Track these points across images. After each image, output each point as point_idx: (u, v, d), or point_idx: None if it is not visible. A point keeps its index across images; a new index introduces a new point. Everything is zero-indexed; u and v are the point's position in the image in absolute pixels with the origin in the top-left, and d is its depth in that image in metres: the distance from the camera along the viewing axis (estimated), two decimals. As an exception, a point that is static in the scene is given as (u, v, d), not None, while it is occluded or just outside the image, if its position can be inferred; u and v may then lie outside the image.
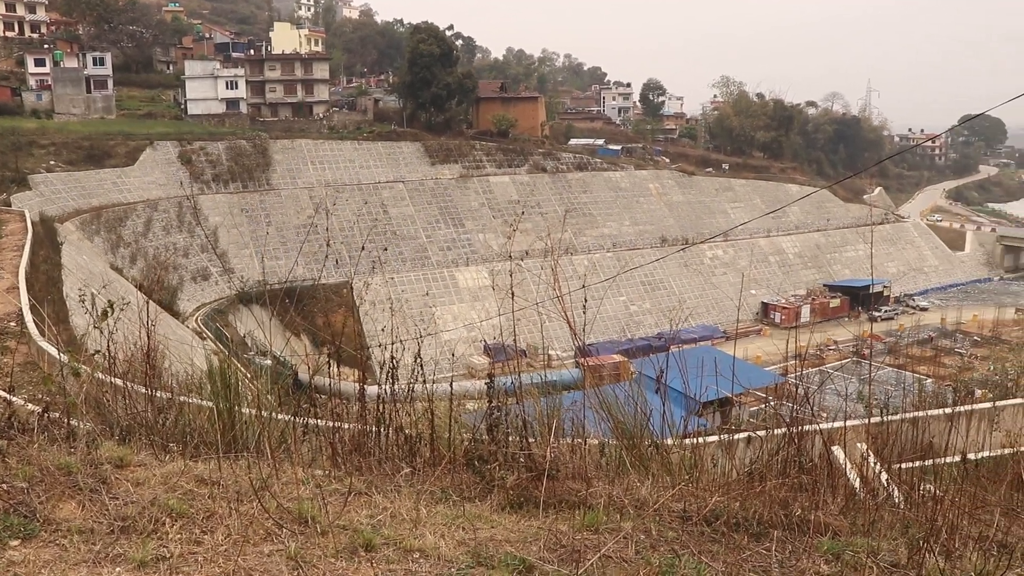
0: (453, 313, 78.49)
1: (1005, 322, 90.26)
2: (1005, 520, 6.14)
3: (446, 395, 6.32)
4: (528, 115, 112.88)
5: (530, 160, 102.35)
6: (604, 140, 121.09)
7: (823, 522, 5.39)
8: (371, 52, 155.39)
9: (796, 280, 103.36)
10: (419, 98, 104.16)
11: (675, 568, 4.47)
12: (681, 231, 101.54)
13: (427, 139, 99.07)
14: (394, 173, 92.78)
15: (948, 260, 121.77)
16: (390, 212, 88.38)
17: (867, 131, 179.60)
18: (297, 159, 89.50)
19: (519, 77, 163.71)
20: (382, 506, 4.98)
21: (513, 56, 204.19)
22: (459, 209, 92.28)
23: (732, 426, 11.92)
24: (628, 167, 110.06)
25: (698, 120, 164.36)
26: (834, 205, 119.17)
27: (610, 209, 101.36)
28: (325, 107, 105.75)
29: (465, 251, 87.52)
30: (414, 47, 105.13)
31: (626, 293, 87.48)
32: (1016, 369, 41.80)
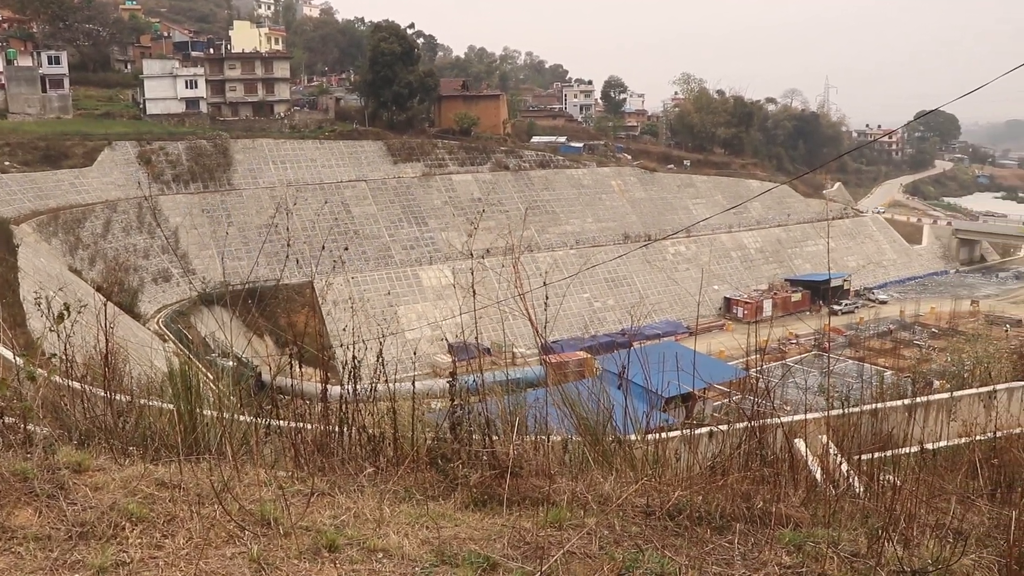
0: (417, 312, 78.29)
1: (961, 314, 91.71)
2: (961, 508, 6.24)
3: (410, 394, 6.30)
4: (490, 113, 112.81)
5: (492, 158, 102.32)
6: (566, 137, 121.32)
7: (785, 514, 5.44)
8: (332, 51, 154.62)
9: (758, 275, 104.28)
10: (381, 97, 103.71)
11: (639, 562, 4.50)
12: (643, 227, 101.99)
13: (389, 138, 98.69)
14: (356, 172, 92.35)
15: (906, 254, 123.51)
16: (352, 211, 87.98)
17: (825, 127, 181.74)
18: (258, 159, 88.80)
19: (481, 75, 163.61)
20: (345, 506, 4.95)
21: (475, 54, 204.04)
22: (422, 208, 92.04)
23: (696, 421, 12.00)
24: (590, 164, 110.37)
25: (660, 117, 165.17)
26: (795, 200, 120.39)
27: (573, 206, 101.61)
28: (286, 106, 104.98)
29: (428, 250, 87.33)
30: (375, 45, 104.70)
31: (590, 290, 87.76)
32: (972, 360, 42.40)
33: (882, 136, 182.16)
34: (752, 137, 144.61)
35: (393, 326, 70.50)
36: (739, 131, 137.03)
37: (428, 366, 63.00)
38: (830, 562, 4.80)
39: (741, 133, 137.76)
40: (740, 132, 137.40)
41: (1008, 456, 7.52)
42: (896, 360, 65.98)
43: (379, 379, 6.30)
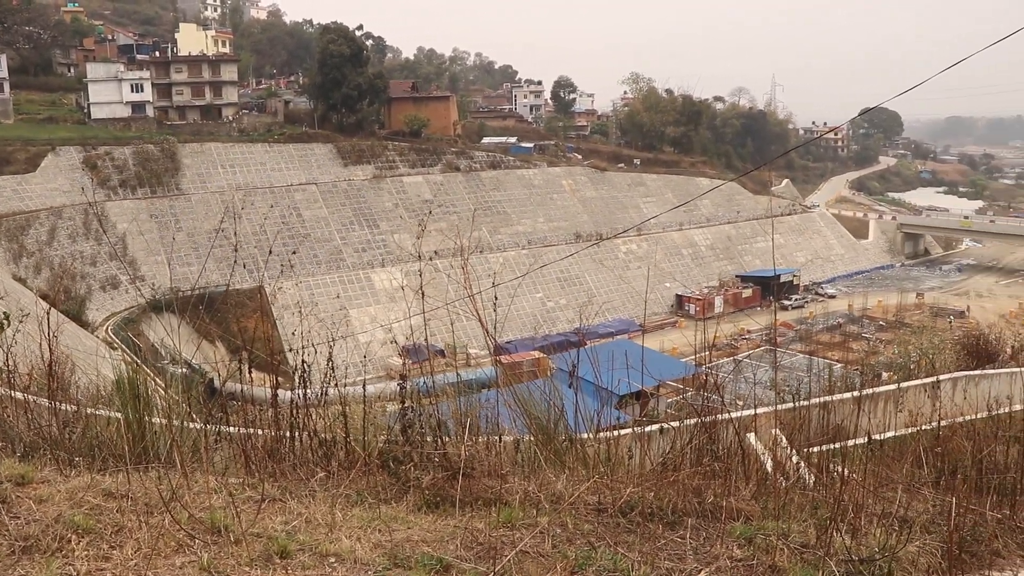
0: (370, 315, 77.89)
1: (907, 306, 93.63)
2: (907, 496, 6.36)
3: (357, 398, 6.28)
4: (440, 114, 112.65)
5: (443, 159, 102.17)
6: (517, 138, 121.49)
7: (736, 508, 5.50)
8: (280, 53, 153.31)
9: (709, 272, 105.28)
10: (330, 99, 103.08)
11: (591, 560, 4.52)
12: (595, 226, 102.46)
13: (339, 140, 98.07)
14: (306, 175, 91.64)
15: (853, 248, 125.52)
16: (303, 215, 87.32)
17: (773, 125, 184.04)
18: (207, 163, 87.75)
19: (430, 76, 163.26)
20: (297, 512, 4.91)
21: (424, 55, 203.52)
22: (373, 210, 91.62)
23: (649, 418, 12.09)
24: (541, 164, 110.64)
25: (609, 117, 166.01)
26: (744, 198, 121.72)
27: (524, 207, 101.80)
28: (234, 109, 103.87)
29: (380, 252, 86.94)
30: (324, 47, 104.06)
31: (542, 289, 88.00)
32: (918, 352, 43.24)
33: (827, 132, 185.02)
34: (701, 135, 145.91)
35: (345, 329, 70.08)
36: (688, 130, 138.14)
37: (382, 369, 62.72)
38: (780, 554, 4.87)
39: (690, 132, 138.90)
40: (689, 131, 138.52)
41: (952, 444, 7.67)
42: (845, 353, 67.14)
43: (330, 383, 6.26)
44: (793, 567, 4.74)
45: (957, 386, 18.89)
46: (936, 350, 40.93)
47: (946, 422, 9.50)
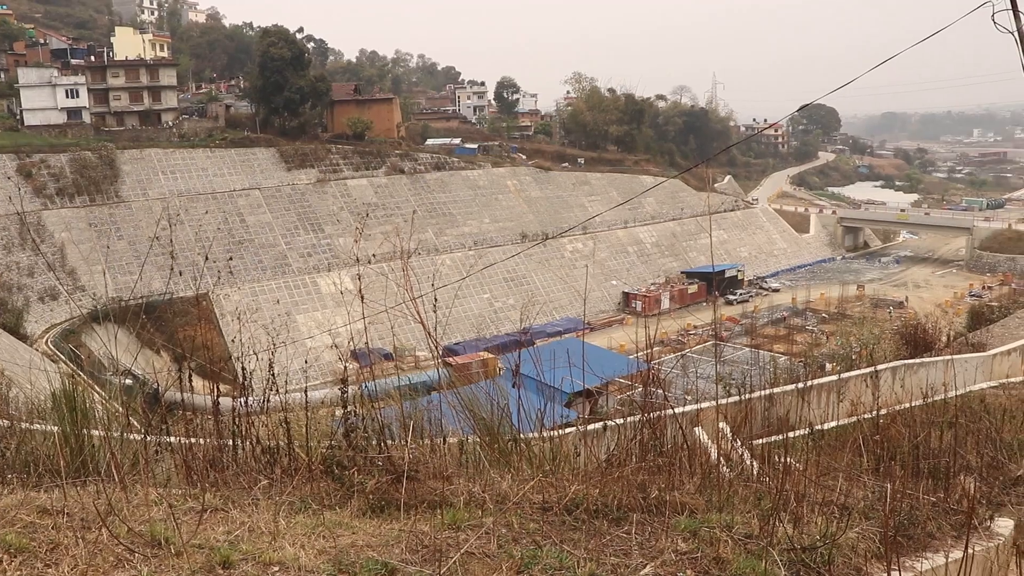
0: (317, 320, 77.25)
1: (849, 298, 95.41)
2: (847, 484, 6.48)
3: (309, 403, 6.23)
4: (383, 117, 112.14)
5: (387, 162, 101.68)
6: (461, 139, 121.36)
7: (680, 501, 5.56)
8: (220, 57, 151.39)
9: (655, 269, 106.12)
10: (272, 103, 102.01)
11: (537, 559, 4.54)
12: (540, 226, 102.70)
13: (282, 144, 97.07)
14: (249, 180, 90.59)
15: (795, 242, 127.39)
16: (247, 220, 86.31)
17: (715, 122, 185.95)
18: (147, 169, 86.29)
19: (373, 79, 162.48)
20: (239, 521, 4.85)
21: (366, 58, 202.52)
22: (318, 214, 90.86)
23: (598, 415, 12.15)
24: (485, 165, 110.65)
25: (553, 116, 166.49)
26: (687, 194, 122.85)
27: (470, 208, 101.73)
28: (174, 114, 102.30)
29: (326, 256, 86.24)
30: (264, 51, 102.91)
31: (490, 290, 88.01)
32: (859, 342, 44.09)
33: (766, 129, 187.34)
34: (644, 134, 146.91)
35: (287, 335, 69.42)
36: (631, 128, 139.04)
37: (330, 374, 62.21)
38: (724, 545, 4.93)
39: (633, 130, 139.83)
40: (632, 129, 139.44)
41: (890, 432, 7.83)
42: (789, 346, 68.13)
43: (272, 389, 6.20)
44: (737, 558, 4.80)
45: (896, 375, 19.28)
46: (876, 340, 41.75)
47: (885, 411, 9.70)
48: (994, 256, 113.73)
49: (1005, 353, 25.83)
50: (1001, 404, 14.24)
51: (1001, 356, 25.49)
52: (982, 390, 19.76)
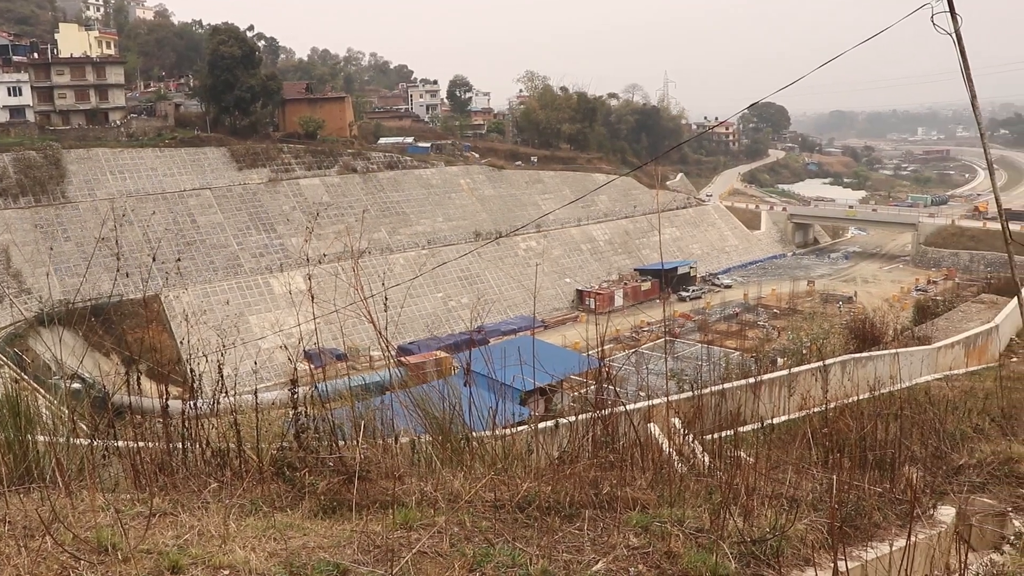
0: (270, 320, 76.50)
1: (799, 294, 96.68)
2: (797, 477, 6.58)
3: (261, 404, 6.18)
4: (336, 116, 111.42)
5: (340, 161, 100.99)
6: (413, 138, 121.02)
7: (632, 497, 5.61)
8: (169, 55, 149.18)
9: (608, 266, 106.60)
10: (222, 102, 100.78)
11: (490, 556, 4.55)
12: (494, 224, 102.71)
13: (233, 143, 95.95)
14: (200, 180, 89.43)
15: (746, 239, 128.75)
16: (198, 220, 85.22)
17: (666, 120, 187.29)
18: (95, 169, 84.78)
19: (325, 77, 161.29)
20: (189, 525, 4.79)
21: (318, 56, 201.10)
22: (270, 214, 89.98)
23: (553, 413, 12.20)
24: (439, 164, 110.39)
25: (506, 115, 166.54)
26: (640, 192, 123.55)
27: (423, 207, 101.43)
28: (122, 113, 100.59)
29: (279, 256, 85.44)
30: (214, 49, 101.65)
31: (444, 289, 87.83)
32: (810, 337, 44.62)
33: (717, 126, 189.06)
34: (596, 132, 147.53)
35: (245, 335, 68.71)
36: (583, 126, 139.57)
37: (284, 375, 61.55)
38: (675, 540, 4.98)
39: (586, 128, 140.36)
40: (585, 127, 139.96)
41: (839, 425, 7.96)
42: (742, 341, 68.87)
43: (222, 391, 6.13)
44: (688, 552, 4.85)
45: (845, 369, 19.59)
46: (825, 335, 42.30)
47: (834, 404, 9.85)
48: (939, 251, 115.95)
49: (949, 346, 26.37)
50: (945, 395, 14.53)
51: (945, 349, 26.02)
52: (927, 382, 20.13)
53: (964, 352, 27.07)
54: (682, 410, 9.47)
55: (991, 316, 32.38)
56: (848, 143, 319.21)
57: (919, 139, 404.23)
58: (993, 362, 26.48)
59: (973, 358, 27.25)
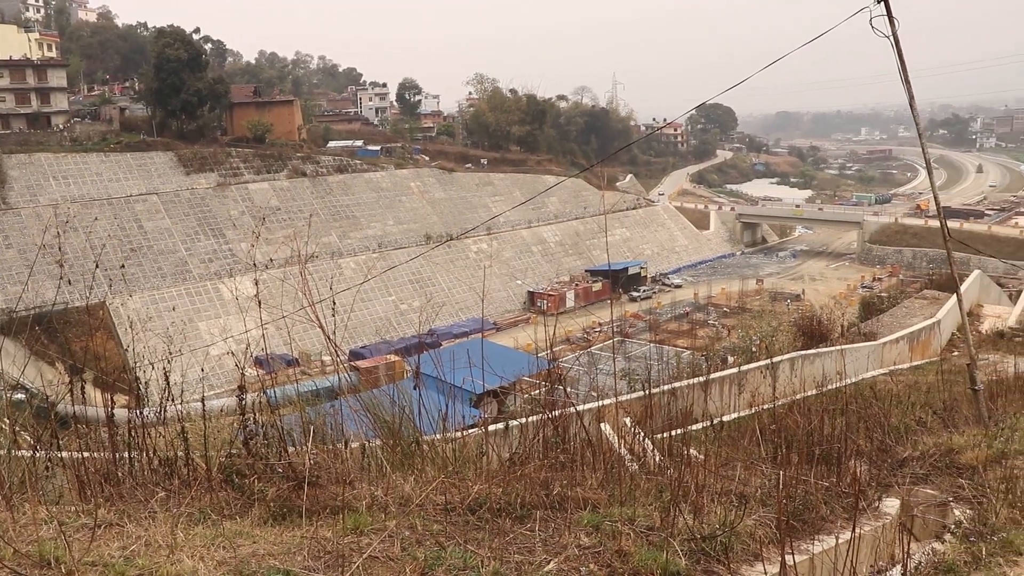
0: (220, 326, 75.55)
1: (748, 292, 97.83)
2: (746, 473, 6.67)
3: (210, 412, 6.11)
4: (284, 119, 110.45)
5: (289, 165, 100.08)
6: (363, 141, 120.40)
7: (583, 497, 5.64)
8: (113, 57, 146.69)
9: (559, 267, 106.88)
10: (169, 105, 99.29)
11: (441, 559, 4.55)
12: (445, 227, 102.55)
13: (180, 148, 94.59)
14: (147, 185, 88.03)
15: (696, 239, 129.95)
16: (145, 226, 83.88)
17: (615, 122, 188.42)
18: (37, 175, 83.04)
19: (273, 81, 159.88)
20: (135, 535, 4.70)
21: (266, 59, 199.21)
22: (219, 219, 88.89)
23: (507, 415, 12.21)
24: (388, 167, 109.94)
25: (455, 117, 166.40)
26: (590, 193, 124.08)
27: (373, 210, 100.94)
28: (65, 117, 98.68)
29: (228, 262, 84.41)
30: (160, 52, 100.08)
31: (395, 292, 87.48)
32: (759, 335, 45.26)
33: (665, 127, 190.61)
34: (546, 134, 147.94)
35: (195, 342, 67.81)
36: (533, 128, 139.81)
37: (234, 382, 60.91)
38: (626, 538, 5.02)
39: (535, 130, 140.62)
40: (534, 129, 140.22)
41: (787, 421, 8.07)
42: (692, 340, 69.50)
43: (169, 399, 6.04)
44: (639, 550, 4.89)
45: (793, 366, 19.86)
46: (774, 333, 42.92)
47: (784, 400, 10.00)
48: (883, 249, 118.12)
49: (894, 341, 26.86)
50: (890, 390, 14.79)
51: (890, 344, 26.49)
52: (873, 377, 20.48)
53: (908, 347, 27.59)
54: (633, 409, 9.56)
55: (933, 312, 33.05)
56: (794, 143, 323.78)
57: (863, 139, 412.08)
58: (936, 356, 27.04)
59: (917, 353, 27.79)
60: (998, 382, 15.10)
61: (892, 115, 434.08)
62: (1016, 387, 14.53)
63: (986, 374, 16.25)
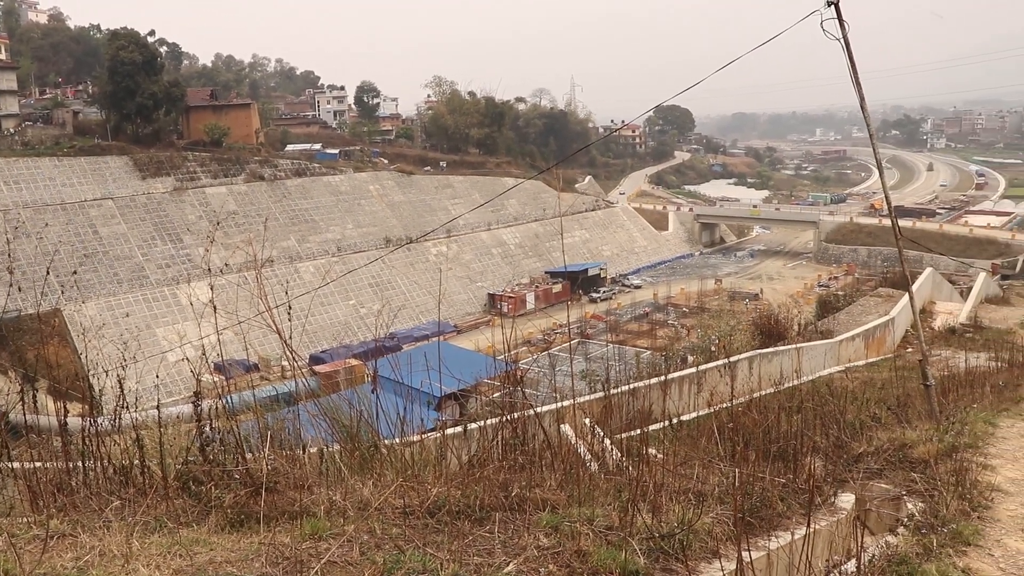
0: (178, 332, 74.64)
1: (707, 292, 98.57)
2: (704, 471, 6.73)
3: (167, 419, 6.05)
4: (241, 123, 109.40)
5: (247, 169, 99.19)
6: (321, 144, 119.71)
7: (542, 498, 5.66)
8: (66, 60, 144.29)
9: (519, 269, 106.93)
10: (123, 109, 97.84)
11: (400, 563, 4.55)
12: (404, 230, 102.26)
13: (135, 152, 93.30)
14: (102, 190, 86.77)
15: (655, 240, 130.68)
16: (100, 231, 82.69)
17: (574, 124, 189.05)
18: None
19: (230, 84, 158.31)
20: (89, 545, 4.63)
21: (222, 62, 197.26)
22: (175, 224, 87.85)
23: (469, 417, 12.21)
24: (347, 170, 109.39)
25: (414, 120, 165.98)
26: (549, 195, 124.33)
27: (332, 214, 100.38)
28: (16, 121, 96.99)
29: (185, 267, 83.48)
30: (114, 55, 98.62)
31: (355, 296, 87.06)
32: (718, 334, 45.62)
33: (622, 128, 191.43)
34: (505, 136, 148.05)
35: (152, 348, 66.99)
36: (492, 131, 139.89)
37: (193, 388, 60.24)
38: (585, 538, 5.05)
39: (494, 133, 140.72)
40: (493, 132, 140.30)
41: (745, 419, 8.16)
42: (652, 340, 69.90)
43: (124, 406, 5.97)
44: (598, 550, 4.92)
45: (752, 365, 20.06)
46: (731, 332, 43.26)
47: (743, 398, 10.10)
48: (839, 247, 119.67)
49: (850, 339, 27.24)
50: (846, 387, 15.03)
51: (846, 342, 26.86)
52: (830, 374, 20.76)
53: (864, 344, 28.00)
54: (593, 410, 9.60)
55: (888, 309, 33.58)
56: (751, 144, 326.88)
57: (817, 140, 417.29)
58: (890, 353, 27.47)
59: (872, 350, 28.21)
60: (950, 377, 15.38)
61: (846, 116, 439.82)
62: (967, 382, 14.82)
63: (938, 370, 16.54)
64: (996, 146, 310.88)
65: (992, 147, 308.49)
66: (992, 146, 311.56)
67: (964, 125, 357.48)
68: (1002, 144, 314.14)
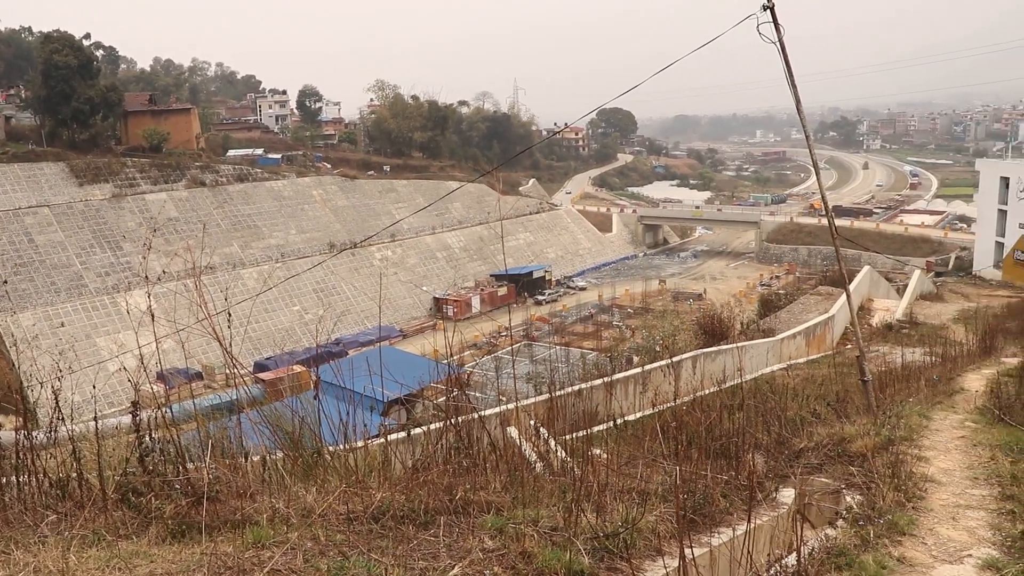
0: (119, 341, 73.26)
1: (651, 293, 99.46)
2: (648, 471, 6.80)
3: (107, 430, 5.95)
4: (181, 128, 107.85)
5: (187, 175, 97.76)
6: (263, 149, 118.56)
7: (486, 501, 5.67)
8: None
9: (464, 273, 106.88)
10: (59, 114, 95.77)
11: (344, 569, 4.53)
12: (348, 235, 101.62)
13: (72, 158, 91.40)
14: (37, 197, 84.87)
15: (599, 242, 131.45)
16: (36, 240, 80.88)
17: (517, 127, 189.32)
18: (-85, 189, 79.47)
19: (169, 88, 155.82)
20: (23, 562, 4.52)
21: (161, 66, 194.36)
22: (115, 231, 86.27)
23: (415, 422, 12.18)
24: (290, 175, 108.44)
25: (357, 124, 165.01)
26: (494, 199, 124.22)
27: (275, 219, 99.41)
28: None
29: (126, 275, 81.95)
30: (47, 58, 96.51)
31: (299, 302, 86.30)
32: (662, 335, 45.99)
33: (564, 130, 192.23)
34: (448, 139, 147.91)
35: (93, 358, 65.69)
36: (435, 134, 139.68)
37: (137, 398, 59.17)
38: (530, 540, 5.07)
39: (437, 136, 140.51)
40: (436, 135, 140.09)
41: (688, 418, 8.25)
42: (598, 342, 70.25)
43: (60, 419, 5.85)
44: (543, 551, 4.94)
45: (696, 364, 20.28)
46: (675, 332, 43.66)
47: (687, 398, 10.22)
48: (780, 247, 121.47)
49: (791, 337, 27.67)
50: (787, 384, 15.28)
51: (788, 340, 27.28)
52: (772, 372, 21.08)
53: (805, 342, 28.46)
54: (539, 412, 9.64)
55: (828, 307, 34.17)
56: (692, 146, 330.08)
57: (758, 141, 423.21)
58: (830, 350, 27.97)
59: (813, 347, 28.70)
60: (887, 372, 15.72)
61: (785, 118, 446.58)
62: (903, 377, 15.15)
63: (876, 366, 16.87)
64: (928, 147, 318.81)
65: (924, 148, 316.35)
66: (924, 147, 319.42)
67: (898, 127, 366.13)
68: (934, 145, 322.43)
